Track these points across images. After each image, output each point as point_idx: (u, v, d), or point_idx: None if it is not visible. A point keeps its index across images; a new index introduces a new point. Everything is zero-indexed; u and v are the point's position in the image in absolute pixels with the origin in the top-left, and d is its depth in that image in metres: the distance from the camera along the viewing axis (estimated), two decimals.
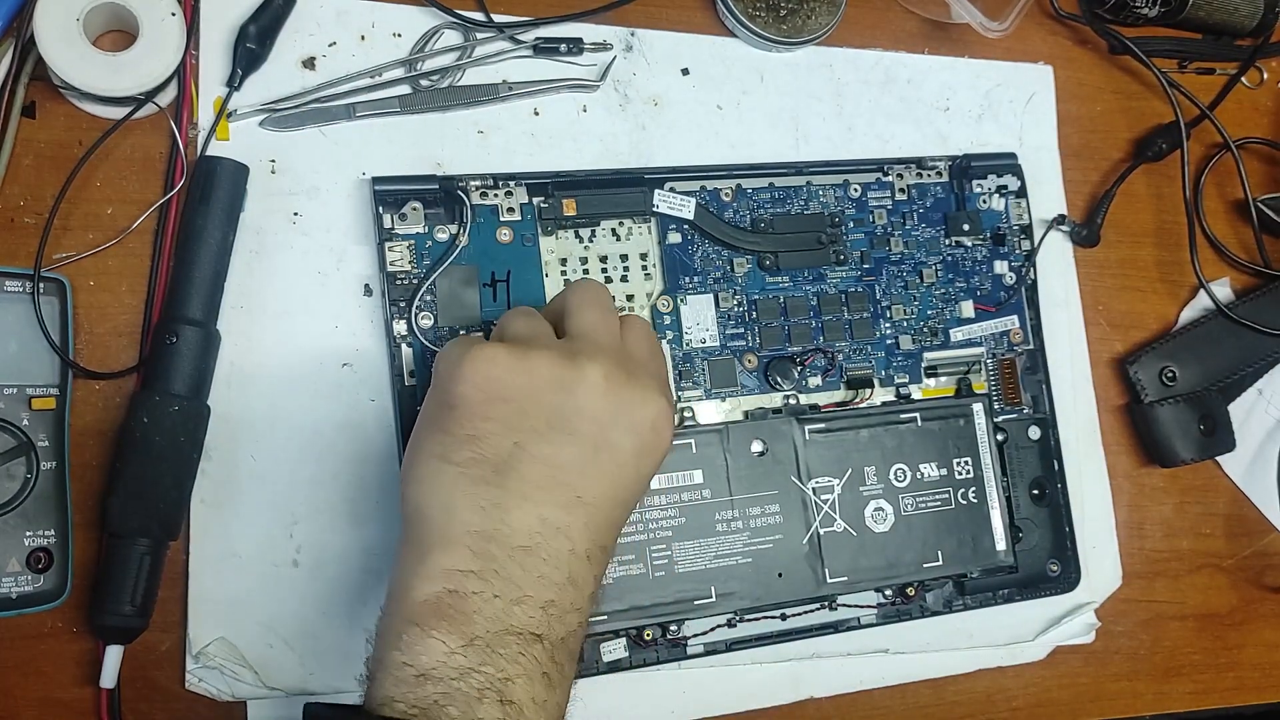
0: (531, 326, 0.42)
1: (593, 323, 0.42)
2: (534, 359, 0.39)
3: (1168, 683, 0.60)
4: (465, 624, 0.35)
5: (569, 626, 0.37)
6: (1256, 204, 0.63)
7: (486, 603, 0.36)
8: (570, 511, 0.38)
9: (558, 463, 0.38)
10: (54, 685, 0.44)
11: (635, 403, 0.39)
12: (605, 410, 0.39)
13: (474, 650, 0.35)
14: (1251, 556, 0.63)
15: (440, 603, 0.35)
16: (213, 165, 0.46)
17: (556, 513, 0.37)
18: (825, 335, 0.54)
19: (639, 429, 0.39)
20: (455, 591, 0.36)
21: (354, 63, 0.51)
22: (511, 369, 0.38)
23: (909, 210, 0.57)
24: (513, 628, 0.35)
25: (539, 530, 0.37)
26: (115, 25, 0.47)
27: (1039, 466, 0.57)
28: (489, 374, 0.38)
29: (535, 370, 0.38)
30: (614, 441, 0.39)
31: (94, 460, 0.45)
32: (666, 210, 0.52)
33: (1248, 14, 0.65)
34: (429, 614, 0.35)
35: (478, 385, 0.38)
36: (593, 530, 0.38)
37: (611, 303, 0.44)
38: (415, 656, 0.34)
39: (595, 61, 0.54)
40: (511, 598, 0.36)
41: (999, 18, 0.57)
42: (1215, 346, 0.62)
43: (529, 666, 0.35)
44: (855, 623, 0.53)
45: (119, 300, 0.46)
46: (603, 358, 0.40)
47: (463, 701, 0.34)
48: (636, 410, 0.39)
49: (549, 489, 0.38)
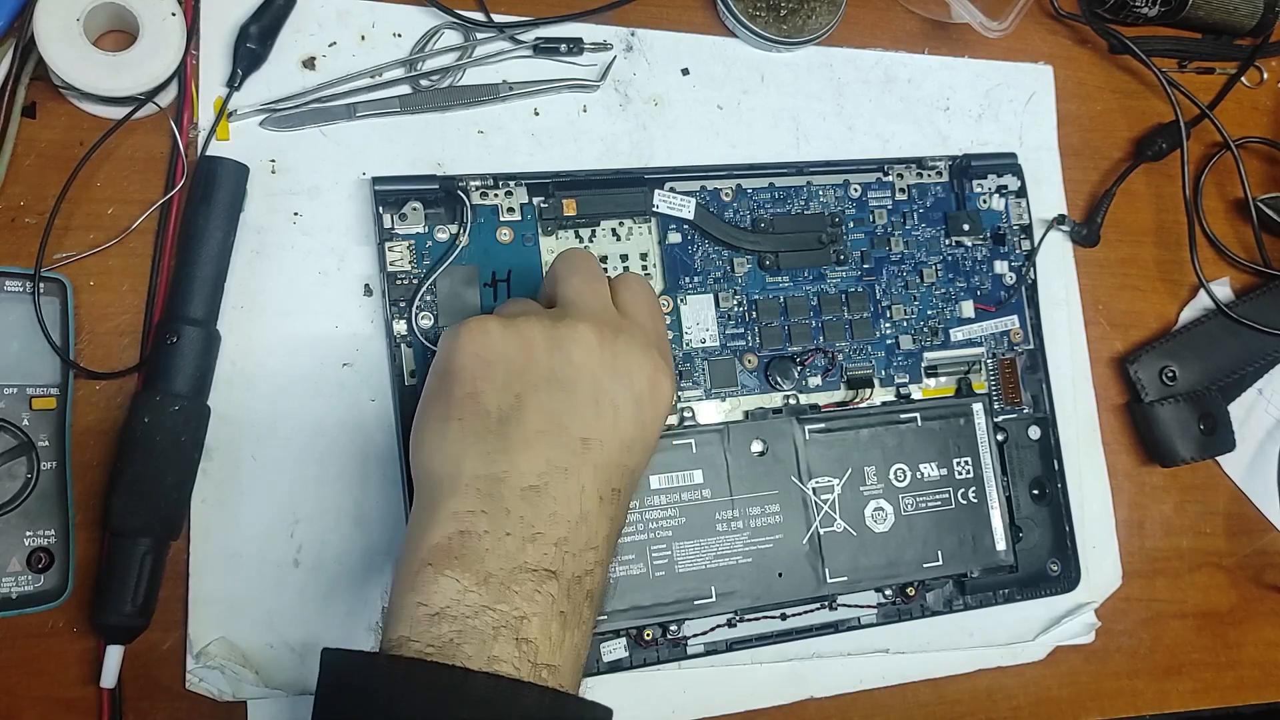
0: (523, 304, 0.43)
1: (578, 289, 0.43)
2: (524, 326, 0.40)
3: (1168, 682, 0.60)
4: (478, 562, 0.35)
5: (585, 565, 0.37)
6: (1256, 203, 0.63)
7: (499, 541, 0.36)
8: (575, 454, 0.38)
9: (557, 412, 0.38)
10: (55, 685, 0.44)
11: (628, 358, 0.40)
12: (599, 365, 0.39)
13: (488, 588, 0.35)
14: (1251, 555, 0.63)
15: (452, 544, 0.36)
16: (213, 165, 0.46)
17: (561, 455, 0.38)
18: (825, 335, 0.54)
19: (634, 383, 0.40)
20: (467, 532, 0.36)
21: (354, 63, 0.51)
22: (504, 336, 0.39)
23: (909, 210, 0.57)
24: (526, 564, 0.36)
25: (545, 471, 0.37)
26: (115, 25, 0.47)
27: (1039, 466, 0.57)
28: (484, 341, 0.39)
29: (527, 334, 0.39)
30: (611, 393, 0.39)
31: (95, 460, 0.45)
32: (667, 210, 0.52)
33: (1247, 13, 0.65)
34: (441, 555, 0.35)
35: (474, 353, 0.39)
36: (601, 471, 0.38)
37: (597, 267, 0.44)
38: (429, 596, 0.35)
39: (595, 61, 0.54)
40: (524, 535, 0.36)
41: (999, 17, 0.57)
42: (1215, 346, 0.62)
43: (544, 605, 0.35)
44: (855, 622, 0.53)
45: (120, 300, 0.46)
46: (591, 318, 0.40)
47: (478, 639, 0.34)
48: (631, 366, 0.40)
49: (552, 434, 0.38)
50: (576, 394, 0.39)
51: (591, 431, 0.39)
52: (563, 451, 0.38)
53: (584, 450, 0.38)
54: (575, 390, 0.39)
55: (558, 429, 0.38)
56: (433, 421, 0.39)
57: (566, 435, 0.38)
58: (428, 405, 0.40)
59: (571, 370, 0.39)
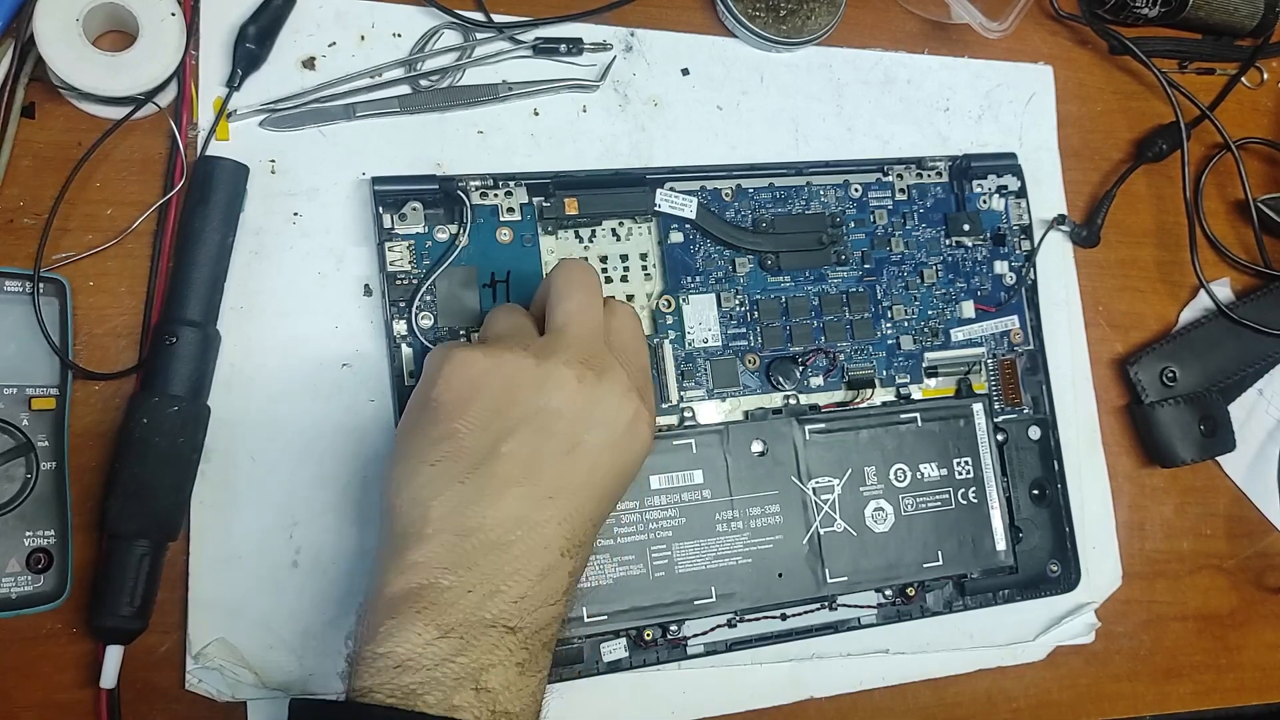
0: (512, 324, 0.43)
1: (571, 312, 0.42)
2: (508, 360, 0.39)
3: (1168, 683, 0.60)
4: (440, 616, 0.36)
5: (544, 620, 0.38)
6: (1257, 204, 0.63)
7: (461, 596, 0.36)
8: (544, 509, 0.38)
9: (531, 460, 0.38)
10: (53, 686, 0.44)
11: (609, 404, 0.40)
12: (577, 409, 0.39)
13: (449, 641, 0.35)
14: (1252, 557, 0.63)
15: (416, 595, 0.36)
16: (212, 166, 0.46)
17: (530, 510, 0.38)
18: (826, 335, 0.54)
19: (613, 427, 0.40)
20: (431, 585, 0.36)
21: (354, 63, 0.51)
22: (486, 371, 0.39)
23: (909, 210, 0.57)
24: (486, 620, 0.36)
25: (513, 528, 0.38)
26: (115, 25, 0.47)
27: (1039, 467, 0.57)
28: (465, 376, 0.39)
29: (509, 372, 0.39)
30: (587, 439, 0.39)
31: (93, 461, 0.45)
32: (668, 210, 0.52)
33: (1248, 14, 0.65)
34: (405, 607, 0.36)
35: (453, 388, 0.39)
36: (567, 526, 0.39)
37: (596, 284, 0.44)
38: (393, 647, 0.35)
39: (595, 62, 0.54)
40: (486, 591, 0.37)
41: (999, 18, 0.57)
42: (1216, 347, 0.62)
43: (503, 656, 0.36)
44: (855, 623, 0.52)
45: (118, 301, 0.46)
46: (577, 356, 0.40)
47: (439, 689, 0.35)
48: (610, 412, 0.40)
49: (522, 486, 0.38)
50: (552, 441, 0.39)
51: (563, 485, 0.39)
52: (532, 507, 0.38)
53: (552, 506, 0.38)
54: (551, 437, 0.39)
55: (530, 480, 0.38)
56: (407, 460, 0.39)
57: (538, 489, 0.38)
58: (404, 440, 0.40)
59: (550, 415, 0.39)
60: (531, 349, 0.40)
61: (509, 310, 0.45)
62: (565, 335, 0.41)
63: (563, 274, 0.44)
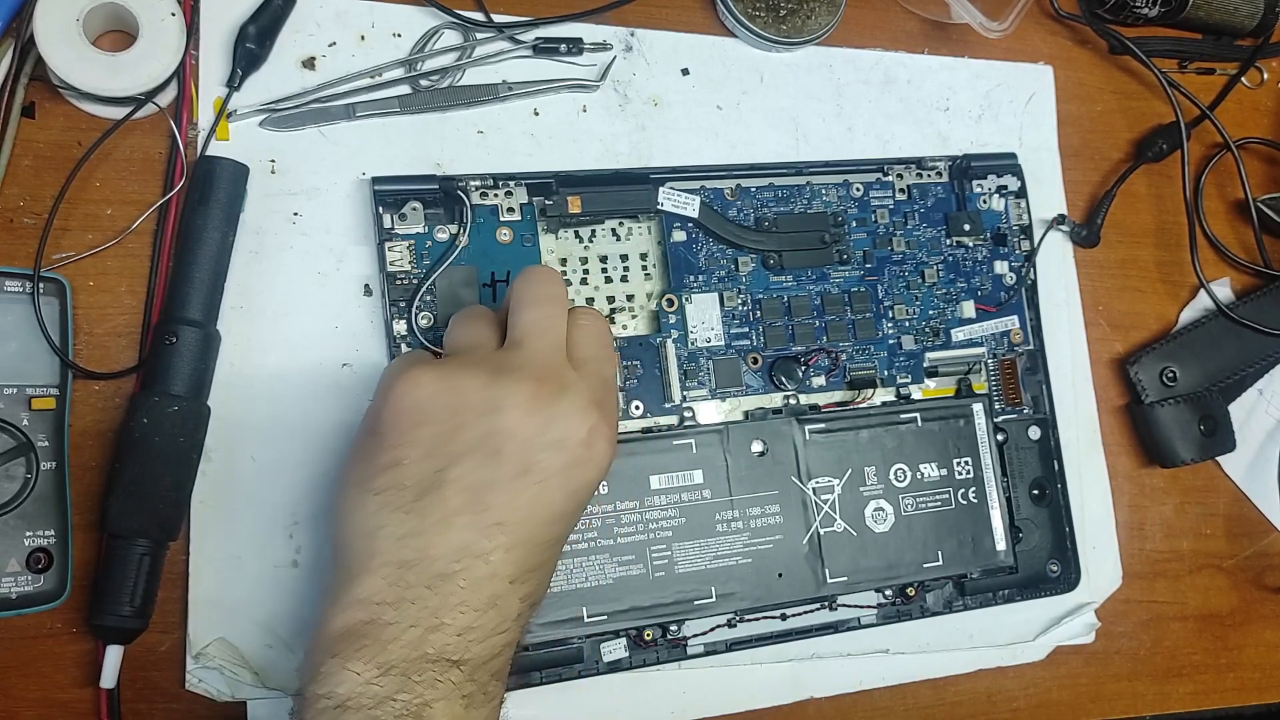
0: (473, 335, 0.42)
1: (530, 324, 0.41)
2: (460, 381, 0.39)
3: (1168, 683, 0.60)
4: (380, 653, 0.35)
5: (492, 649, 0.37)
6: (1256, 204, 0.63)
7: (403, 631, 0.36)
8: (491, 537, 0.37)
9: (479, 487, 0.38)
10: (53, 686, 0.44)
11: (564, 419, 0.39)
12: (531, 429, 0.38)
13: (390, 679, 0.35)
14: (1252, 557, 0.63)
15: (357, 633, 0.36)
16: (212, 165, 0.46)
17: (476, 539, 0.37)
18: (828, 335, 0.54)
19: (568, 445, 0.39)
20: (371, 621, 0.36)
21: (354, 63, 0.51)
22: (436, 393, 0.38)
23: (910, 210, 0.57)
24: (429, 655, 0.35)
25: (457, 558, 0.37)
26: (115, 25, 0.47)
27: (1039, 467, 0.57)
28: (413, 398, 0.38)
29: (460, 393, 0.38)
30: (540, 461, 0.38)
31: (93, 461, 0.45)
32: (671, 208, 0.52)
33: (1248, 14, 0.65)
34: (345, 645, 0.35)
35: (401, 411, 0.38)
36: (517, 552, 0.38)
37: (559, 293, 0.43)
38: (333, 687, 0.35)
39: (595, 61, 0.54)
40: (428, 625, 0.36)
41: (999, 18, 0.57)
42: (1216, 347, 0.62)
43: (446, 690, 0.35)
44: (855, 623, 0.52)
45: (118, 301, 0.46)
46: (532, 373, 0.39)
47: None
48: (565, 427, 0.39)
49: (469, 515, 0.37)
50: (501, 466, 0.38)
51: (511, 511, 0.38)
52: (478, 536, 0.37)
53: (500, 533, 0.37)
54: (501, 461, 0.38)
55: (476, 509, 0.37)
56: (351, 488, 0.39)
57: (484, 516, 0.37)
58: (350, 467, 0.40)
59: (501, 438, 0.38)
60: (486, 365, 0.39)
61: (471, 318, 0.44)
62: (522, 349, 0.40)
63: (523, 283, 0.43)
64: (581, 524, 0.47)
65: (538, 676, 0.48)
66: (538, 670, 0.48)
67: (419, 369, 0.39)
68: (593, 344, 0.43)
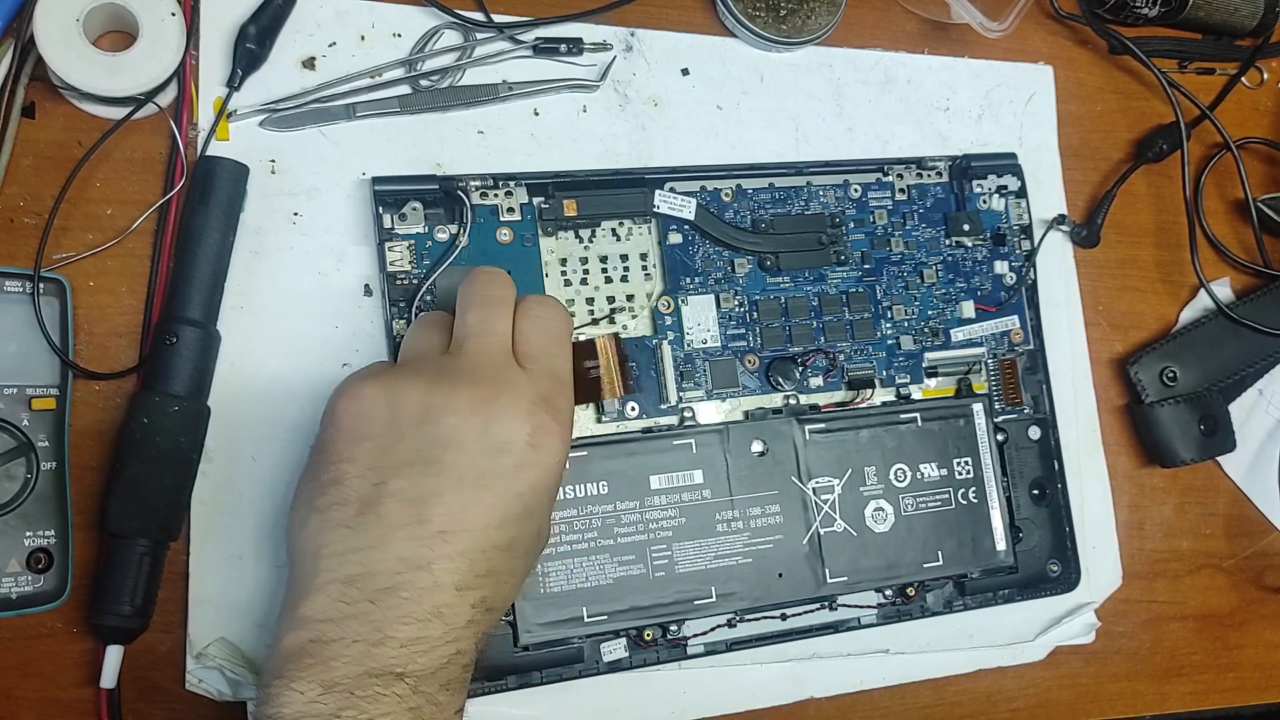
0: (420, 342, 0.42)
1: (471, 326, 0.41)
2: (398, 390, 0.39)
3: (1168, 683, 0.60)
4: (324, 671, 0.35)
5: (439, 660, 0.37)
6: (1256, 204, 0.63)
7: (346, 648, 0.36)
8: (433, 547, 0.37)
9: (419, 498, 0.38)
10: (54, 686, 0.44)
11: (508, 423, 0.39)
12: (472, 435, 0.38)
13: (333, 696, 0.35)
14: (1252, 557, 0.63)
15: (303, 652, 0.36)
16: (212, 165, 0.46)
17: (417, 549, 0.37)
18: (826, 336, 0.54)
19: (511, 448, 0.39)
20: (316, 640, 0.36)
21: (354, 63, 0.51)
22: (376, 405, 0.39)
23: (909, 210, 0.57)
24: (372, 670, 0.35)
25: (398, 570, 0.37)
26: (115, 26, 0.47)
27: (1039, 467, 0.57)
28: (355, 412, 0.39)
29: (398, 403, 0.39)
30: (482, 466, 0.38)
31: (94, 461, 0.45)
32: (667, 210, 0.52)
33: (1248, 14, 0.65)
34: (290, 664, 0.36)
35: (342, 426, 0.39)
36: (464, 560, 0.38)
37: (503, 294, 0.43)
38: (279, 708, 0.35)
39: (595, 61, 0.54)
40: (371, 640, 0.36)
41: (999, 18, 0.57)
42: (1216, 347, 0.62)
43: (392, 704, 0.35)
44: (855, 623, 0.53)
45: (119, 301, 0.46)
46: (471, 375, 0.39)
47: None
48: (509, 431, 0.39)
49: (409, 526, 0.37)
50: (442, 474, 0.38)
51: (454, 519, 0.38)
52: (419, 546, 0.37)
53: (443, 543, 0.37)
54: (441, 470, 0.38)
55: (417, 521, 0.37)
56: (299, 506, 0.39)
57: (426, 527, 0.37)
58: (302, 483, 0.40)
59: (439, 446, 0.38)
60: (425, 372, 0.40)
61: (421, 325, 0.44)
62: (463, 353, 0.41)
63: (467, 285, 0.43)
64: (581, 524, 0.47)
65: (538, 676, 0.48)
66: (538, 670, 0.48)
67: (360, 381, 0.40)
68: (541, 338, 0.42)
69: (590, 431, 0.50)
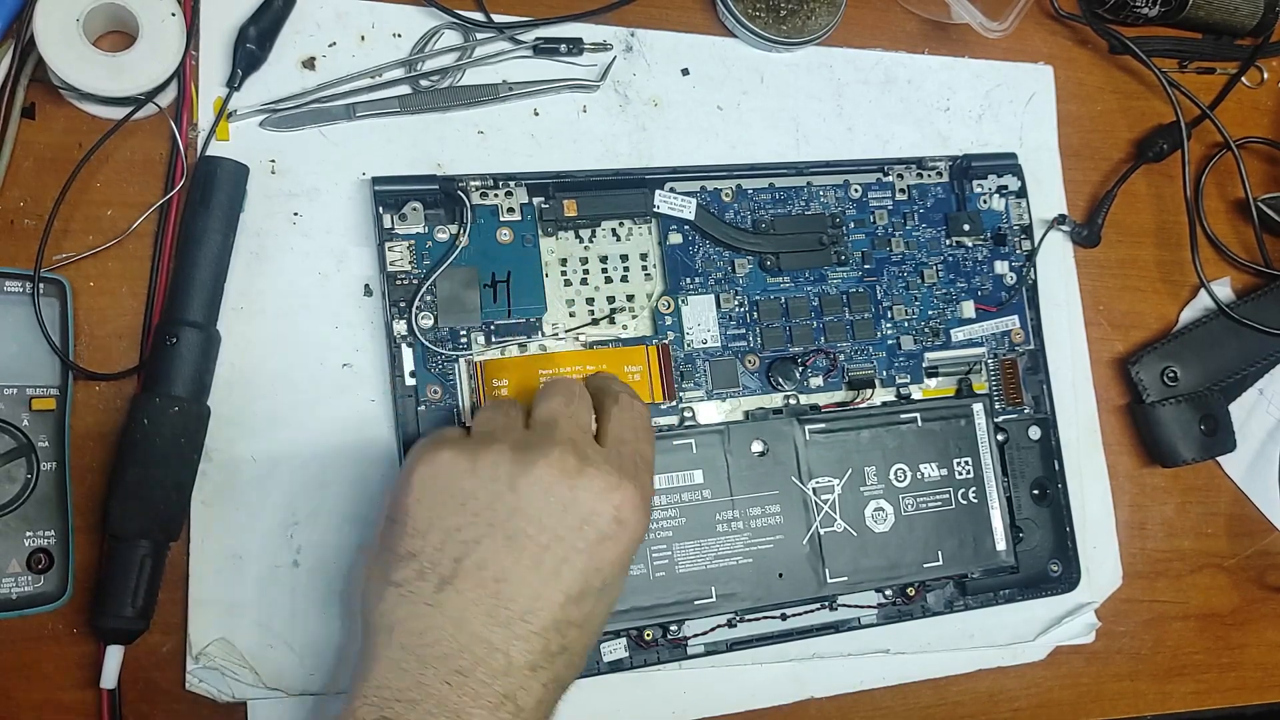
0: (496, 419, 0.42)
1: (553, 410, 0.41)
2: (481, 459, 0.38)
3: (1169, 683, 0.60)
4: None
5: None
6: (1257, 204, 0.63)
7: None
8: (511, 627, 0.37)
9: (497, 575, 0.37)
10: (54, 687, 0.44)
11: (591, 498, 0.38)
12: (553, 508, 0.38)
13: None
14: (1253, 556, 0.63)
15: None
16: (213, 166, 0.46)
17: (494, 630, 0.37)
18: (827, 336, 0.54)
19: (595, 521, 0.38)
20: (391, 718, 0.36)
21: (354, 63, 0.51)
22: (457, 474, 0.38)
23: (910, 210, 0.57)
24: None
25: (475, 650, 0.36)
26: (115, 26, 0.47)
27: (1040, 467, 0.57)
28: (434, 483, 0.38)
29: (481, 472, 0.38)
30: (563, 539, 0.38)
31: (94, 462, 0.45)
32: (667, 211, 0.52)
33: (1248, 14, 0.65)
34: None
35: (421, 498, 0.38)
36: (539, 640, 0.37)
37: (579, 389, 0.43)
38: None
39: (595, 62, 0.54)
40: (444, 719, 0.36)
41: (999, 18, 0.57)
42: (1216, 346, 0.62)
43: None
44: (856, 623, 0.52)
45: (119, 302, 0.46)
46: (556, 448, 0.39)
47: None
48: (593, 506, 0.38)
49: (486, 605, 0.37)
50: (522, 552, 0.37)
51: (532, 598, 0.37)
52: (495, 627, 0.37)
53: (521, 623, 0.37)
54: (521, 547, 0.37)
55: (493, 599, 0.37)
56: (374, 578, 0.39)
57: (501, 607, 0.37)
58: (377, 552, 0.40)
59: (521, 520, 0.38)
60: (507, 443, 0.39)
61: (498, 404, 0.44)
62: (546, 427, 0.40)
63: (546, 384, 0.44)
64: None
65: None
66: None
67: (438, 448, 0.39)
68: (628, 427, 0.42)
69: None
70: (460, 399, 0.48)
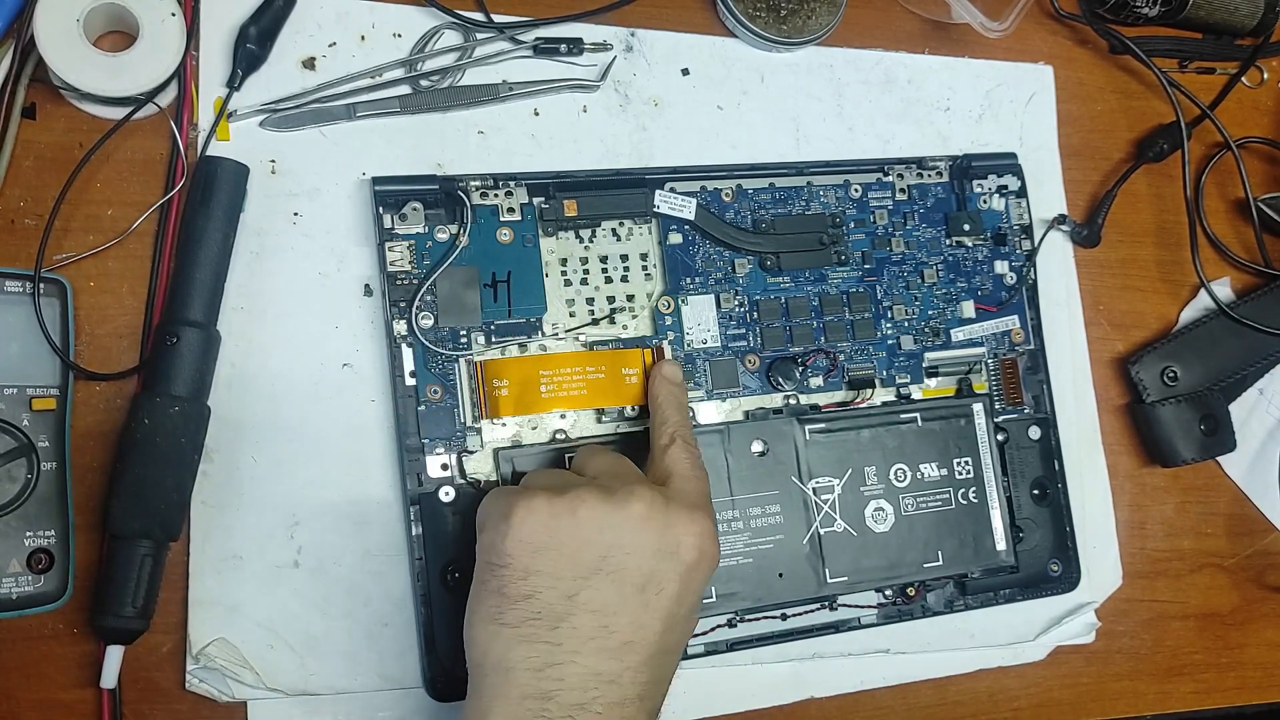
0: (559, 474, 0.44)
1: (609, 460, 0.44)
2: (576, 500, 0.40)
3: (1169, 682, 0.60)
4: None
5: None
6: (1257, 204, 0.63)
7: None
8: (621, 658, 0.39)
9: (607, 609, 0.39)
10: (55, 686, 0.44)
11: (680, 527, 0.41)
12: (648, 542, 0.40)
13: None
14: (1253, 556, 0.63)
15: None
16: (213, 166, 0.46)
17: (608, 663, 0.38)
18: (827, 336, 0.54)
19: (684, 551, 0.40)
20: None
21: (354, 63, 0.51)
22: (555, 514, 0.40)
23: (910, 210, 0.57)
24: None
25: (592, 684, 0.38)
26: (115, 26, 0.47)
27: (1040, 466, 0.57)
28: (534, 525, 0.39)
29: (578, 511, 0.40)
30: (660, 570, 0.40)
31: (95, 462, 0.45)
32: (667, 211, 0.52)
33: (1248, 14, 0.65)
34: None
35: (523, 540, 0.39)
36: (646, 671, 0.39)
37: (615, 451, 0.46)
38: None
39: (595, 62, 0.54)
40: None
41: (999, 18, 0.57)
42: (1216, 346, 0.62)
43: None
44: (856, 623, 0.53)
45: (119, 301, 0.46)
46: (640, 487, 0.41)
47: None
48: (682, 536, 0.41)
49: (600, 639, 0.39)
50: (626, 584, 0.39)
51: (638, 627, 0.39)
52: (609, 660, 0.38)
53: (630, 653, 0.39)
54: (624, 579, 0.39)
55: (606, 633, 0.39)
56: (486, 623, 0.39)
57: (614, 639, 0.39)
58: (479, 597, 0.40)
59: (622, 554, 0.39)
60: (594, 486, 0.41)
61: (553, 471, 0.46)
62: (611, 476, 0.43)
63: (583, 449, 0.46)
64: None
65: None
66: None
67: (531, 495, 0.40)
68: (684, 464, 0.44)
69: (590, 432, 0.50)
70: (460, 399, 0.48)
